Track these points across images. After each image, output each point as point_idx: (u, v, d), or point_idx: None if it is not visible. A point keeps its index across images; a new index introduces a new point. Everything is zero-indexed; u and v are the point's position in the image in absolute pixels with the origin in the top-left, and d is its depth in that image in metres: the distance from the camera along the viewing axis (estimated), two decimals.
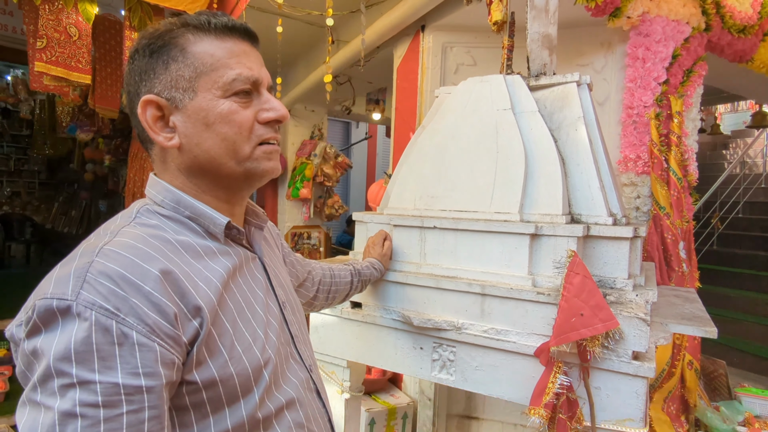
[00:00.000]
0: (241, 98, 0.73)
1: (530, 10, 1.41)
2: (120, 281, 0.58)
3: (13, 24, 4.61)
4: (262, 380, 0.72)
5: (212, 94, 0.71)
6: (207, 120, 0.71)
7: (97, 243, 0.62)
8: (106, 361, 0.54)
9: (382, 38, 2.71)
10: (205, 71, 0.71)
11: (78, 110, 5.72)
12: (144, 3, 3.35)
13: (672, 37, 1.92)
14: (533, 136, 1.32)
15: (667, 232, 1.90)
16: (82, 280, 0.57)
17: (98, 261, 0.59)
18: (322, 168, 4.54)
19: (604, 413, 1.08)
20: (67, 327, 0.55)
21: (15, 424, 2.35)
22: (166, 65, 0.71)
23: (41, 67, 3.09)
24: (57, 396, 0.53)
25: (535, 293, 1.15)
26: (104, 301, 0.56)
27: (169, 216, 0.72)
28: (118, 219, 0.71)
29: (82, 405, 0.53)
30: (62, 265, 0.61)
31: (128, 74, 0.74)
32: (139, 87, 0.72)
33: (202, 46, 0.71)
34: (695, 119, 2.10)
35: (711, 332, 1.14)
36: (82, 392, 0.53)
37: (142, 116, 0.71)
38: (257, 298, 0.78)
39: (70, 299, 0.55)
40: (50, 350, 0.54)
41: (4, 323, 4.85)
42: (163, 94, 0.71)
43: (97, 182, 8.19)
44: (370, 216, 1.52)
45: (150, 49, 0.71)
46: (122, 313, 0.56)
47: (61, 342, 0.54)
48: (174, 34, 0.71)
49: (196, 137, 0.72)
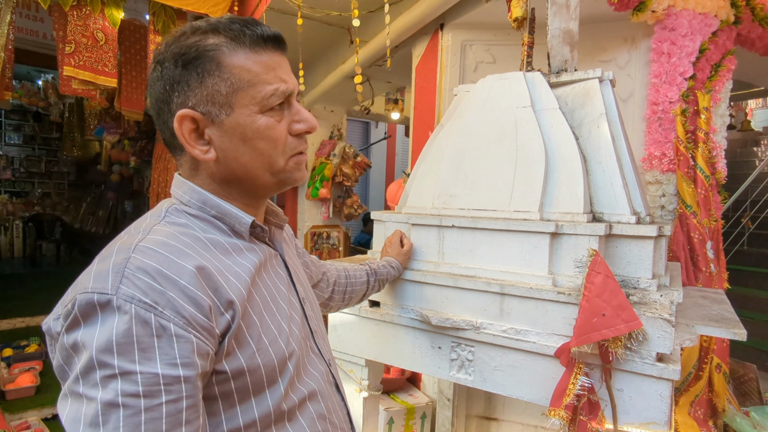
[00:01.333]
0: (275, 112, 0.74)
1: (551, 5, 1.39)
2: (157, 276, 0.60)
3: (43, 30, 4.77)
4: (287, 371, 0.74)
5: (249, 110, 0.72)
6: (245, 136, 0.72)
7: (131, 240, 0.64)
8: (145, 353, 0.56)
9: (400, 37, 2.70)
10: (242, 87, 0.71)
11: (105, 113, 5.88)
12: (167, 7, 3.43)
13: (699, 30, 1.87)
14: (554, 133, 1.30)
15: (693, 232, 1.85)
16: (121, 275, 0.59)
17: (135, 257, 0.61)
18: (342, 168, 4.56)
19: (627, 416, 1.06)
20: (108, 320, 0.57)
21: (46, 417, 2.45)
22: (202, 79, 0.70)
23: (70, 72, 3.19)
24: (99, 387, 0.55)
25: (555, 293, 1.13)
26: (143, 295, 0.58)
27: (196, 215, 0.74)
28: (148, 218, 0.73)
29: (123, 395, 0.55)
30: (99, 261, 0.63)
31: (156, 80, 0.73)
32: (171, 96, 0.72)
33: (237, 60, 0.71)
34: (724, 115, 2.03)
35: (740, 334, 1.10)
36: (123, 383, 0.55)
37: (178, 130, 0.71)
38: (281, 293, 0.80)
39: (110, 293, 0.57)
40: (92, 343, 0.56)
41: (36, 319, 5.03)
42: (199, 108, 0.71)
43: (122, 183, 8.41)
44: (389, 215, 1.53)
45: (183, 59, 0.70)
46: (160, 307, 0.58)
47: (103, 334, 0.56)
48: (207, 45, 0.70)
49: (233, 151, 0.73)
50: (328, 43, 3.66)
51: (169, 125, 0.73)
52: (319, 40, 3.56)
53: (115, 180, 8.25)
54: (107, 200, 9.24)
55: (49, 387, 3.69)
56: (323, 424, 0.80)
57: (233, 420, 0.68)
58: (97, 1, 3.18)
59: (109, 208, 9.41)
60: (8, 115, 9.15)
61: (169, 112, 0.72)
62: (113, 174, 8.14)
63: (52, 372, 3.04)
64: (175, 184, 0.78)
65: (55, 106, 7.41)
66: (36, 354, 4.14)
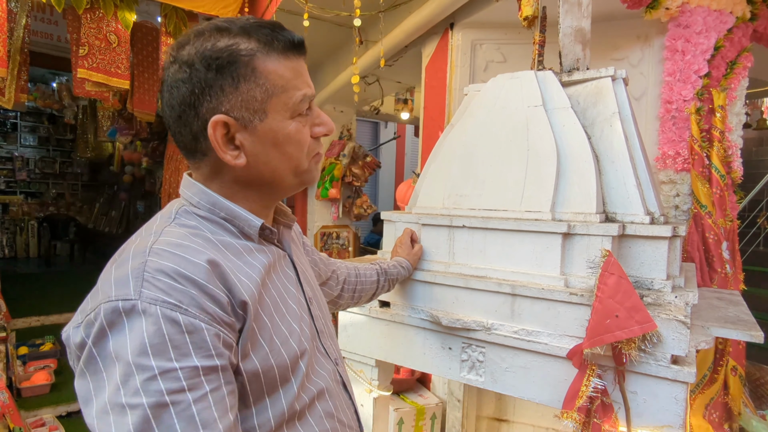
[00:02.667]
0: (303, 117, 0.76)
1: (563, 4, 1.38)
2: (176, 276, 0.61)
3: (57, 33, 4.84)
4: (299, 370, 0.75)
5: (282, 115, 0.73)
6: (276, 141, 0.73)
7: (144, 243, 0.65)
8: (180, 349, 0.57)
9: (410, 37, 2.70)
10: (276, 93, 0.72)
11: (118, 115, 5.95)
12: (179, 9, 3.46)
13: (714, 27, 1.84)
14: (565, 132, 1.28)
15: (708, 232, 1.82)
16: (141, 279, 0.59)
17: (151, 260, 0.61)
18: (351, 168, 4.56)
19: (641, 419, 1.04)
20: (136, 325, 0.57)
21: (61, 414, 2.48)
22: (236, 84, 0.69)
23: (83, 74, 3.23)
24: (141, 393, 0.55)
25: (567, 294, 1.12)
26: (166, 296, 0.59)
27: (206, 217, 0.74)
28: (158, 219, 0.73)
29: (169, 393, 0.55)
30: (116, 267, 0.63)
31: (181, 82, 0.70)
32: (200, 100, 0.70)
33: (271, 66, 0.71)
34: (740, 113, 2.00)
35: (757, 336, 1.08)
36: (165, 381, 0.56)
37: (212, 136, 0.70)
38: (290, 294, 0.81)
39: (134, 298, 0.58)
40: (126, 349, 0.56)
41: (51, 318, 5.10)
42: (232, 113, 0.70)
43: (135, 184, 8.51)
44: (399, 215, 1.52)
45: (217, 63, 0.68)
46: (185, 305, 0.59)
47: (135, 339, 0.56)
48: (242, 50, 0.69)
49: (263, 156, 0.74)
50: (337, 43, 3.67)
51: (192, 128, 0.71)
52: (329, 40, 3.57)
53: (128, 181, 8.35)
54: (120, 201, 9.36)
55: (63, 385, 3.74)
56: (331, 422, 0.80)
57: (248, 420, 0.68)
58: (110, 4, 3.22)
59: (122, 209, 9.52)
60: (24, 117, 9.32)
61: (195, 116, 0.70)
62: (126, 175, 8.24)
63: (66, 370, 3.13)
64: (185, 185, 0.78)
65: (69, 108, 7.51)
66: (51, 352, 4.21)
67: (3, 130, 9.22)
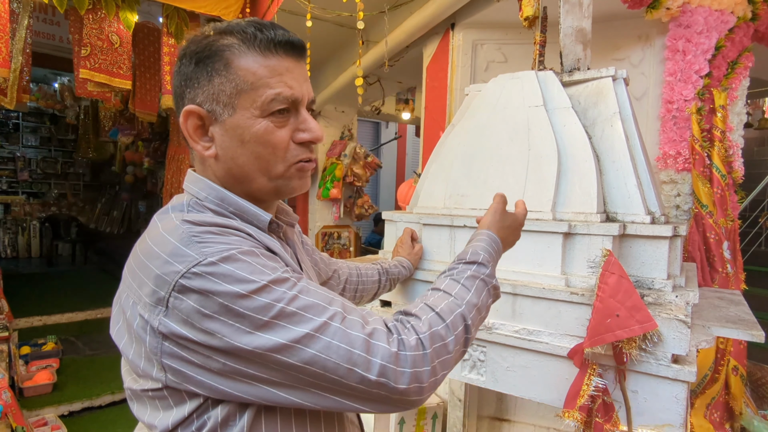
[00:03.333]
0: (277, 118, 0.73)
1: (563, 4, 1.38)
2: (220, 232, 0.66)
3: (59, 34, 4.85)
4: None
5: (250, 113, 0.72)
6: (243, 138, 0.73)
7: (169, 223, 0.67)
8: (267, 266, 0.64)
9: (411, 37, 2.70)
10: (245, 89, 0.71)
11: (119, 115, 5.97)
12: (180, 10, 3.47)
13: (715, 27, 1.84)
14: (566, 132, 1.29)
15: (709, 232, 1.82)
16: (195, 244, 0.63)
17: (189, 228, 0.65)
18: (352, 168, 4.57)
19: (642, 418, 1.04)
20: (223, 271, 0.61)
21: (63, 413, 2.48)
22: (210, 77, 0.72)
23: (86, 74, 3.24)
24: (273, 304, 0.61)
25: (568, 293, 1.12)
26: (227, 245, 0.63)
27: (215, 211, 0.75)
28: (170, 210, 0.74)
29: (291, 288, 0.64)
30: (159, 254, 0.64)
31: (175, 75, 0.77)
32: (184, 92, 0.74)
33: (245, 62, 0.71)
34: (741, 113, 2.00)
35: (758, 336, 1.08)
36: (281, 286, 0.63)
37: (183, 125, 0.74)
38: None
39: (201, 259, 0.61)
40: (232, 292, 0.60)
41: (53, 318, 5.11)
42: (205, 105, 0.73)
43: (136, 184, 8.53)
44: (400, 215, 1.53)
45: (197, 56, 0.72)
46: (245, 246, 0.65)
47: (232, 281, 0.60)
48: (221, 45, 0.72)
49: (231, 151, 0.74)
50: (339, 44, 3.67)
51: (180, 125, 0.76)
52: (330, 41, 3.58)
53: (129, 181, 8.37)
54: (121, 201, 9.39)
55: (65, 384, 3.76)
56: (339, 417, 0.80)
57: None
58: (112, 5, 3.23)
59: (123, 209, 9.55)
60: (26, 117, 9.33)
61: (182, 107, 0.74)
62: (127, 175, 8.26)
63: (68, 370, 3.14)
64: (190, 181, 0.78)
65: (71, 109, 7.54)
66: (53, 352, 4.22)
67: (5, 131, 9.25)
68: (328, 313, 0.64)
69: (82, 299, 5.84)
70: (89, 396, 3.63)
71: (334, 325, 0.63)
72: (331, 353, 0.61)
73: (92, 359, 4.36)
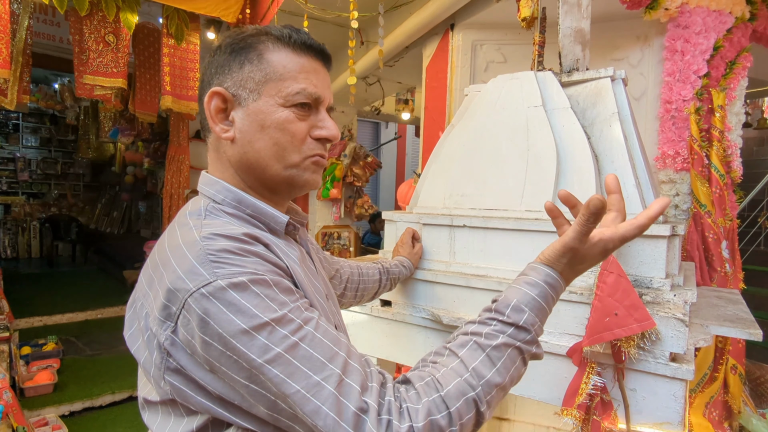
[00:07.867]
0: (299, 110, 0.76)
1: (562, 4, 1.39)
2: (239, 251, 0.65)
3: (59, 34, 4.86)
4: None
5: (274, 100, 0.75)
6: (264, 123, 0.75)
7: (191, 235, 0.67)
8: (277, 299, 0.63)
9: (411, 38, 2.71)
10: (273, 78, 0.75)
11: (119, 115, 5.97)
12: (181, 11, 3.47)
13: (713, 28, 1.84)
14: (565, 132, 1.29)
15: (708, 231, 1.83)
16: (209, 263, 0.62)
17: (207, 244, 0.64)
18: (352, 168, 4.58)
19: (640, 416, 1.05)
20: (228, 299, 0.60)
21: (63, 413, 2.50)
22: (242, 65, 0.75)
23: (89, 80, 3.25)
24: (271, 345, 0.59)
25: (567, 292, 1.13)
26: (240, 268, 0.62)
27: (233, 214, 0.76)
28: (187, 216, 0.73)
29: (293, 333, 0.61)
30: (175, 267, 0.64)
31: (207, 67, 0.80)
32: (213, 79, 0.77)
33: (278, 56, 0.76)
34: (739, 113, 2.01)
35: (755, 335, 1.09)
36: (284, 326, 0.61)
37: (207, 105, 0.76)
38: (317, 288, 0.83)
39: (212, 280, 0.61)
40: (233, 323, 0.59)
41: (54, 318, 5.12)
42: (231, 89, 0.76)
43: (136, 184, 8.52)
44: (400, 215, 1.53)
45: (232, 47, 0.76)
46: (260, 272, 0.64)
47: (236, 310, 0.60)
48: (257, 39, 0.76)
49: (249, 135, 0.76)
50: (339, 44, 3.67)
51: (204, 105, 0.78)
52: (330, 41, 3.57)
53: (129, 181, 8.36)
54: (121, 201, 9.38)
55: (66, 384, 3.76)
56: None
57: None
58: (113, 6, 3.23)
59: (124, 209, 9.54)
60: (26, 118, 9.34)
61: (207, 91, 0.77)
62: (127, 175, 8.25)
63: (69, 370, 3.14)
64: (206, 183, 0.79)
65: (71, 109, 7.54)
66: (54, 352, 4.22)
67: (5, 131, 9.25)
68: (325, 371, 0.60)
69: (83, 299, 5.84)
70: (90, 396, 3.64)
71: (327, 389, 0.59)
72: (318, 420, 0.58)
73: (93, 359, 4.37)
